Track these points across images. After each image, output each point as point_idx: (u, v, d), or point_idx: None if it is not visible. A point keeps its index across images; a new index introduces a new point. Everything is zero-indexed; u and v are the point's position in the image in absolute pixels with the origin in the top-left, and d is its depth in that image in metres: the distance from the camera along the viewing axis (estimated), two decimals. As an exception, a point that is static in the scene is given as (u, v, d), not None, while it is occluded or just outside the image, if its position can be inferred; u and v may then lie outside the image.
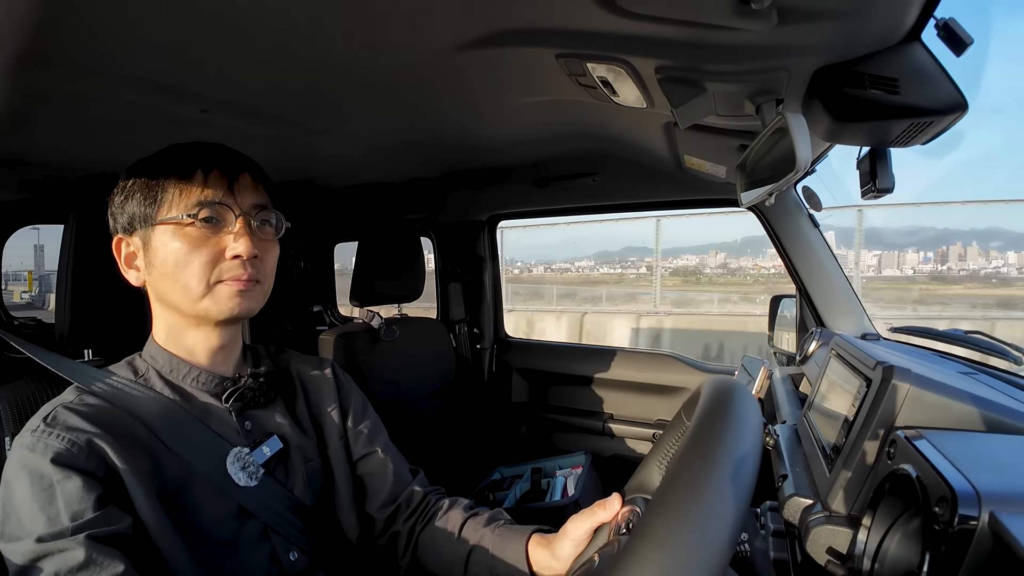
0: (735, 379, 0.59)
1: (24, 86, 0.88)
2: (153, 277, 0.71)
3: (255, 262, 0.71)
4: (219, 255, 0.69)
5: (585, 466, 1.79)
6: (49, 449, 0.60)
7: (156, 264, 0.69)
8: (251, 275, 0.71)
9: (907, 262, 14.77)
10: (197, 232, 0.68)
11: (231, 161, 0.73)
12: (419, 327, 1.87)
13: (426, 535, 0.85)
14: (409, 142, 1.48)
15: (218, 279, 0.69)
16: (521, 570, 0.75)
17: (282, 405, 0.82)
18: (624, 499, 0.69)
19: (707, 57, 0.78)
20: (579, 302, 11.51)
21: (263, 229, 0.74)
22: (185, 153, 0.71)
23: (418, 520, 0.87)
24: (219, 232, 0.70)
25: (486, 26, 0.79)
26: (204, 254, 0.68)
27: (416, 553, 0.85)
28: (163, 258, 0.69)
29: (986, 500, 0.48)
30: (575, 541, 0.71)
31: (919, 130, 0.72)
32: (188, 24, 0.75)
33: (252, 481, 0.72)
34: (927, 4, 0.63)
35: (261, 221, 0.74)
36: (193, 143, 0.73)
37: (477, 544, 0.79)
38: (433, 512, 0.87)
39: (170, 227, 0.68)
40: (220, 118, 1.12)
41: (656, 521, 0.36)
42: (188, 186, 0.69)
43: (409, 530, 0.86)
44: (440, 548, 0.83)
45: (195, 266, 0.68)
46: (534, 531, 0.78)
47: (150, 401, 0.70)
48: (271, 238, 0.76)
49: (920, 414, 0.69)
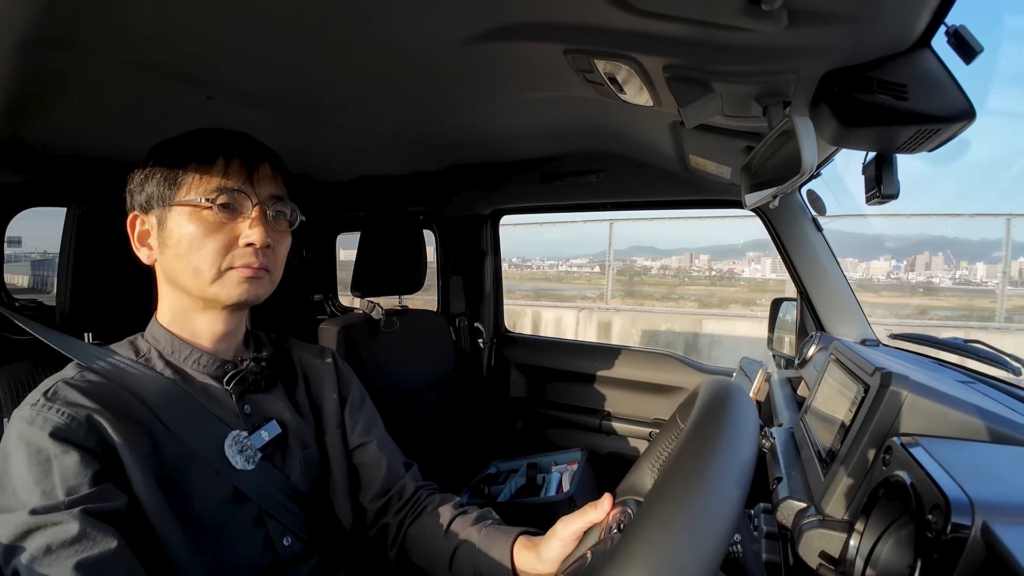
0: (733, 381, 0.59)
1: (30, 69, 0.87)
2: (165, 257, 0.71)
3: (267, 251, 0.72)
4: (233, 241, 0.70)
5: (581, 463, 1.80)
6: (48, 423, 0.60)
7: (170, 245, 0.70)
8: (262, 263, 0.71)
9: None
10: (213, 217, 0.69)
11: (253, 150, 0.74)
12: (419, 319, 1.87)
13: (414, 529, 0.86)
14: (415, 134, 1.48)
15: (229, 265, 0.70)
16: (504, 572, 0.75)
17: (282, 391, 0.83)
18: (616, 500, 0.69)
19: (716, 57, 0.78)
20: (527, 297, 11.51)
21: (278, 220, 0.75)
22: (209, 138, 0.72)
23: (408, 514, 0.87)
24: (235, 219, 0.71)
25: (494, 20, 0.78)
26: (218, 239, 0.69)
27: (404, 546, 0.86)
28: (177, 239, 0.69)
29: (980, 509, 0.49)
30: (563, 541, 0.71)
31: (926, 137, 0.72)
32: (195, 9, 0.74)
33: (249, 465, 0.72)
34: (938, 10, 0.62)
35: (277, 212, 0.75)
36: (218, 129, 0.74)
37: (463, 542, 0.80)
38: (423, 507, 0.88)
39: (187, 209, 0.69)
40: (226, 106, 1.12)
41: (649, 517, 0.36)
42: (208, 171, 0.70)
43: (399, 523, 0.87)
44: (427, 543, 0.83)
45: (208, 250, 0.69)
46: (520, 532, 0.78)
47: (150, 380, 0.70)
48: (284, 229, 0.77)
49: (917, 421, 0.69)
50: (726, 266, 16.04)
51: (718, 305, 10.42)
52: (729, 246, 17.19)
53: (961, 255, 13.64)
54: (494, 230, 2.29)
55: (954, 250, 13.76)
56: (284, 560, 0.74)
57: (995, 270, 11.92)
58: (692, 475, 0.39)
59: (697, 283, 14.37)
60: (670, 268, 16.40)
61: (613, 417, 2.00)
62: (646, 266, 16.17)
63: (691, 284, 14.32)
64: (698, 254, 17.25)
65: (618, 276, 11.73)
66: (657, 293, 12.44)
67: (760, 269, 14.86)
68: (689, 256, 17.12)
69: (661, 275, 15.54)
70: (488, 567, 0.76)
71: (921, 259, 14.42)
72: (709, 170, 1.39)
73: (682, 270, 16.30)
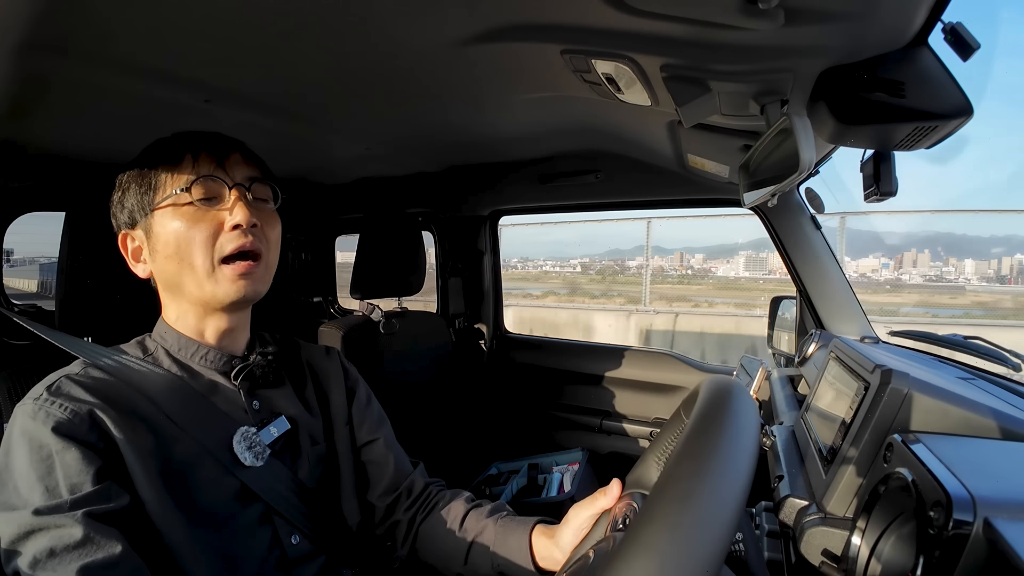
0: (734, 379, 0.59)
1: (28, 73, 0.87)
2: (158, 263, 0.71)
3: (256, 231, 0.71)
4: (219, 228, 0.69)
5: (582, 463, 1.80)
6: (51, 418, 0.60)
7: (159, 248, 0.70)
8: (253, 245, 0.71)
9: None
10: (194, 209, 0.69)
11: (219, 143, 0.74)
12: (419, 321, 1.87)
13: (426, 526, 0.86)
14: (413, 136, 1.48)
15: (221, 254, 0.69)
16: (523, 562, 0.76)
17: (290, 387, 0.82)
18: (624, 491, 0.69)
19: (713, 56, 0.78)
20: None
21: (261, 201, 0.75)
22: (174, 141, 0.72)
23: (419, 511, 0.87)
24: (215, 206, 0.70)
25: (492, 21, 0.78)
26: (204, 229, 0.69)
27: (415, 543, 0.86)
28: (165, 241, 0.69)
29: (981, 506, 0.49)
30: (575, 529, 0.71)
31: (924, 134, 0.72)
32: (193, 13, 0.74)
33: (258, 461, 0.72)
34: (935, 7, 0.62)
35: (256, 191, 0.74)
36: (182, 132, 0.74)
37: (480, 534, 0.80)
38: (434, 503, 0.88)
39: (167, 209, 0.69)
40: (224, 109, 1.12)
41: (652, 518, 0.36)
42: (178, 169, 0.70)
43: (409, 520, 0.87)
44: (441, 539, 0.83)
45: (197, 242, 0.68)
46: (538, 522, 0.79)
47: (157, 377, 0.70)
48: (270, 208, 0.76)
49: (918, 418, 0.69)
50: (711, 264, 16.11)
51: (659, 302, 10.58)
52: (719, 245, 17.18)
53: (961, 252, 13.65)
54: (493, 231, 2.29)
55: (955, 246, 13.78)
56: (291, 559, 0.73)
57: (983, 267, 12.02)
58: (693, 475, 0.39)
59: (665, 282, 14.40)
60: (656, 267, 16.42)
61: (614, 417, 2.00)
62: (627, 265, 16.19)
63: (660, 283, 14.34)
64: (693, 253, 17.27)
65: (596, 275, 11.79)
66: (597, 291, 12.56)
67: (733, 268, 15.08)
68: (680, 255, 17.11)
69: (637, 274, 15.64)
70: (506, 558, 0.77)
71: (909, 256, 14.48)
72: (707, 169, 1.39)
73: (659, 269, 16.31)
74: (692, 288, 13.29)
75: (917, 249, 14.04)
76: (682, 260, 16.94)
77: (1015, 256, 11.74)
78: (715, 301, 10.39)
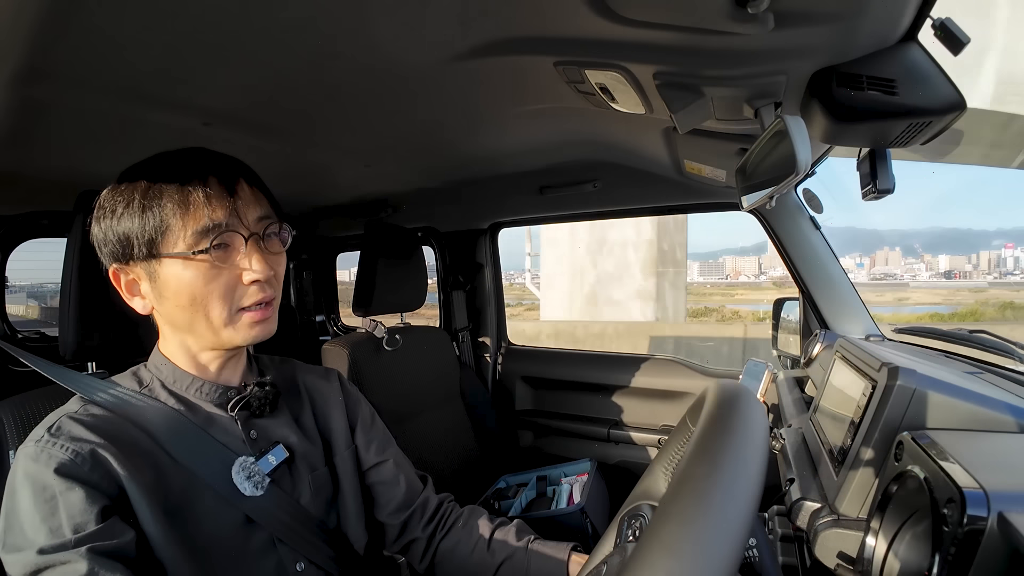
0: (740, 383, 0.58)
1: (26, 99, 0.88)
2: (167, 308, 0.69)
3: (271, 279, 0.71)
4: (236, 280, 0.68)
5: (591, 473, 1.78)
6: (53, 459, 0.60)
7: (169, 296, 0.67)
8: (268, 296, 0.70)
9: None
10: (209, 266, 0.66)
11: (226, 171, 0.69)
12: (422, 336, 1.87)
13: (447, 543, 0.86)
14: (410, 152, 1.49)
15: (239, 305, 0.69)
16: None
17: (288, 414, 0.82)
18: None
19: (705, 62, 0.79)
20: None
21: (271, 242, 0.72)
22: (175, 168, 0.66)
23: (437, 528, 0.87)
24: (231, 256, 0.68)
25: (484, 35, 0.79)
26: (222, 284, 0.67)
27: (434, 559, 0.85)
28: (177, 291, 0.66)
29: (995, 500, 0.48)
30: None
31: (918, 130, 0.73)
32: (191, 38, 0.75)
33: (258, 491, 0.72)
34: (923, 4, 0.63)
35: (269, 235, 0.72)
36: (179, 152, 0.70)
37: (511, 555, 0.81)
38: (453, 521, 0.88)
39: (178, 259, 0.65)
40: (222, 131, 1.13)
41: (663, 528, 0.36)
42: (188, 210, 0.64)
43: (428, 537, 0.87)
44: (465, 558, 0.84)
45: (215, 296, 0.67)
46: (573, 547, 0.79)
47: (154, 411, 0.69)
48: (280, 251, 0.74)
49: (927, 415, 0.69)
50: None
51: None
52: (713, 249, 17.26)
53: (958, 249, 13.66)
54: (493, 243, 2.30)
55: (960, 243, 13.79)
56: None
57: (959, 261, 12.13)
58: (704, 482, 0.38)
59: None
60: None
61: (621, 426, 1.99)
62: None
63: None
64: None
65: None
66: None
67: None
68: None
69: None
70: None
71: (881, 255, 14.54)
72: (704, 174, 1.40)
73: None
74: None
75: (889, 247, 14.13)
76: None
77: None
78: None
